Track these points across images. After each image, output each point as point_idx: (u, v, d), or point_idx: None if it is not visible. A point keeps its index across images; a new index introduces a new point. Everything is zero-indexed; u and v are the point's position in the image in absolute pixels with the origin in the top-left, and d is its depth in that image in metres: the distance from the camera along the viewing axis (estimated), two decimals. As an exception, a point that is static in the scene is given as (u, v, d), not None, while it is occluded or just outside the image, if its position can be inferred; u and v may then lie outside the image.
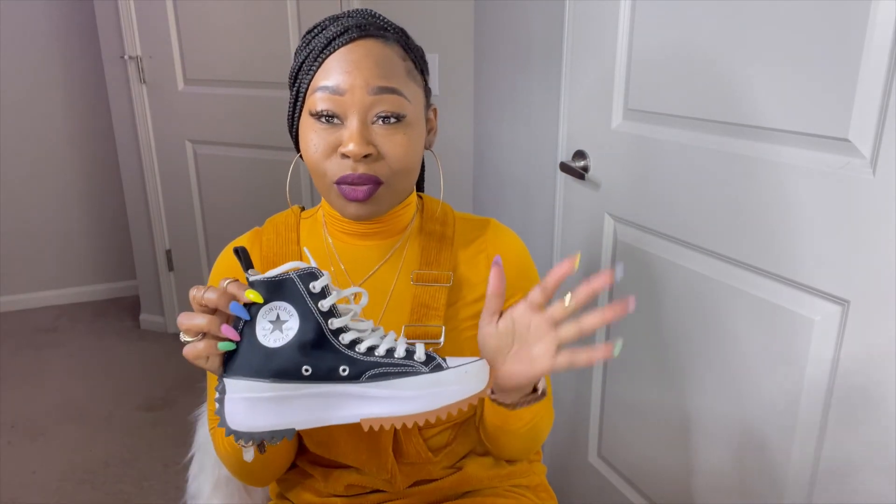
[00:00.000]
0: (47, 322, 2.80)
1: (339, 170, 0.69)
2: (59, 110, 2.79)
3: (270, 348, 0.58)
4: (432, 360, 0.60)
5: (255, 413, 0.58)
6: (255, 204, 2.37)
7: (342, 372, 0.58)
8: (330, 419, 0.59)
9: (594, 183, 1.29)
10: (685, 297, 1.11)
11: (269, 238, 0.80)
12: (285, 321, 0.58)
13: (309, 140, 0.70)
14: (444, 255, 0.79)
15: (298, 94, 0.72)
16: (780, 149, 0.90)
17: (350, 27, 0.69)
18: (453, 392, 0.59)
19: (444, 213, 0.83)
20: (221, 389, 0.59)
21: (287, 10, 2.09)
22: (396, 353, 0.60)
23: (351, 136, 0.67)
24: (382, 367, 0.59)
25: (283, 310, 0.59)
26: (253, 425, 0.58)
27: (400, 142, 0.69)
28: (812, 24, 0.83)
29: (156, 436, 2.00)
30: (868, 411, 0.84)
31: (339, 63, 0.68)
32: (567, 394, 1.49)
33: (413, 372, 0.59)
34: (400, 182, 0.72)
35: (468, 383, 0.59)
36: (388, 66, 0.69)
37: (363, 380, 0.58)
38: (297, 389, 0.58)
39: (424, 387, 0.58)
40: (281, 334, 0.58)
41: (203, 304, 0.58)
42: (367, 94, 0.68)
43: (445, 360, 0.61)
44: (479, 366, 0.61)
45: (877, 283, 0.80)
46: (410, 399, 0.58)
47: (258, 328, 0.58)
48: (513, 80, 1.65)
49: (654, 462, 1.25)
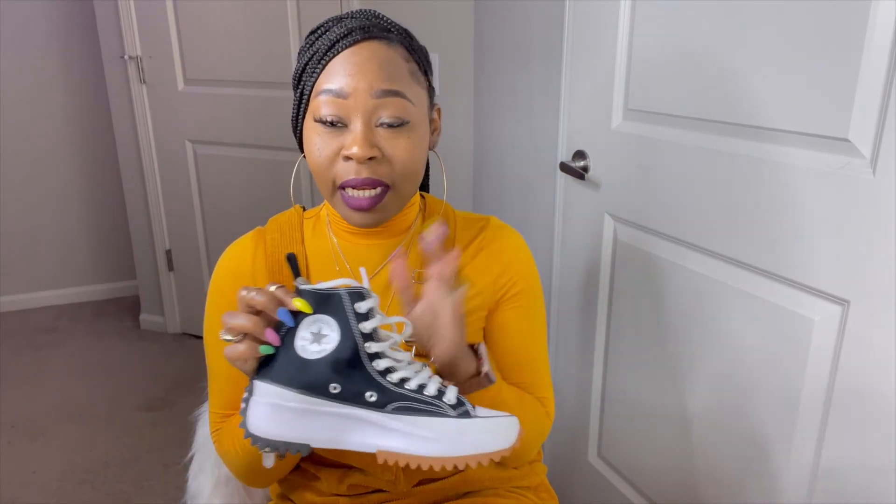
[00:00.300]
0: (47, 322, 2.80)
1: (343, 173, 0.69)
2: (59, 110, 2.79)
3: (305, 359, 0.58)
4: (461, 406, 0.59)
5: (276, 421, 0.58)
6: (255, 204, 2.37)
7: (369, 397, 0.58)
8: (346, 443, 0.59)
9: (594, 183, 1.29)
10: (685, 296, 1.11)
11: (274, 237, 0.80)
12: (325, 335, 0.58)
13: (313, 144, 0.70)
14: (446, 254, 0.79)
15: (302, 96, 0.72)
16: (780, 149, 0.90)
17: (353, 29, 0.69)
18: (476, 443, 0.57)
19: (446, 213, 0.83)
20: (249, 390, 0.59)
21: (287, 10, 2.09)
22: (427, 390, 0.59)
23: (355, 139, 0.67)
24: (410, 401, 0.58)
25: (326, 324, 0.58)
26: (272, 433, 0.58)
27: (404, 145, 0.69)
28: (812, 24, 0.83)
29: (156, 436, 2.00)
30: (868, 411, 0.84)
31: (343, 66, 0.68)
32: (567, 394, 1.49)
33: (439, 413, 0.58)
34: (405, 185, 0.72)
35: (493, 437, 0.58)
36: (392, 69, 0.69)
37: (388, 410, 0.58)
38: (321, 405, 0.58)
39: (447, 431, 0.57)
40: (318, 347, 0.58)
41: (250, 306, 0.58)
42: (370, 98, 0.67)
43: (476, 408, 0.60)
44: (508, 422, 0.59)
45: (877, 283, 0.80)
46: (430, 440, 0.57)
47: (298, 337, 0.58)
48: (513, 80, 1.65)
49: (654, 462, 1.25)
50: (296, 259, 0.61)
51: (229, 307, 0.79)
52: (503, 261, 0.81)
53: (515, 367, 0.83)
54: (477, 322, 0.81)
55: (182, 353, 2.51)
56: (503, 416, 0.59)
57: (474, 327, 0.81)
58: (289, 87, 2.16)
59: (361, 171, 0.68)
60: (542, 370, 0.85)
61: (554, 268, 1.49)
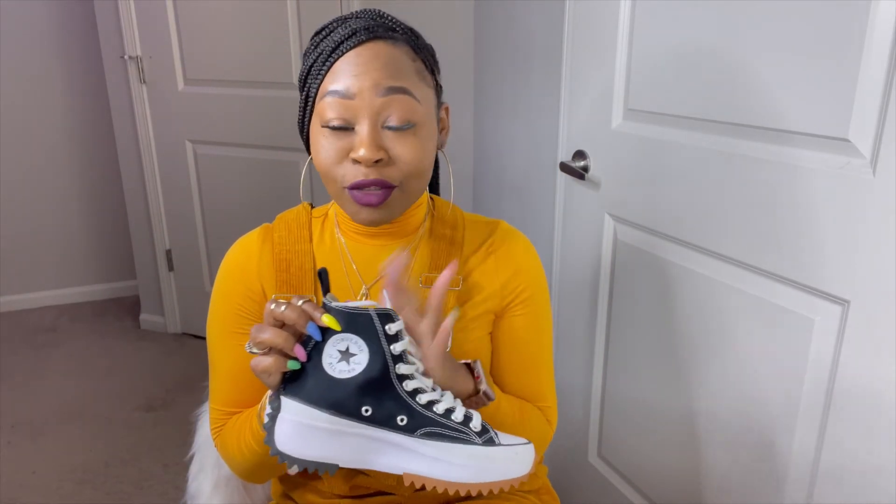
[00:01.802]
0: (47, 322, 2.80)
1: (350, 175, 0.69)
2: (59, 110, 2.79)
3: (335, 378, 0.58)
4: (486, 433, 0.60)
5: (305, 440, 0.58)
6: (256, 204, 2.37)
7: (399, 421, 0.59)
8: (374, 464, 0.60)
9: (594, 183, 1.29)
10: (685, 296, 1.11)
11: (281, 235, 0.80)
12: (354, 354, 0.58)
13: (320, 146, 0.70)
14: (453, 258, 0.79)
15: (308, 98, 0.72)
16: (780, 149, 0.90)
17: (358, 29, 0.69)
18: (499, 470, 0.59)
19: (454, 216, 0.83)
20: (276, 406, 0.59)
21: (287, 10, 2.09)
22: (454, 415, 0.60)
23: (362, 141, 0.67)
24: (438, 426, 0.59)
25: (354, 343, 0.59)
26: (301, 451, 0.58)
27: (412, 145, 0.69)
28: (812, 24, 0.83)
29: (156, 436, 2.00)
30: (868, 411, 0.84)
31: (348, 66, 0.68)
32: (568, 394, 1.49)
33: (466, 440, 0.59)
34: (413, 185, 0.71)
35: (514, 465, 0.60)
36: (398, 67, 0.68)
37: (417, 435, 0.59)
38: (351, 427, 0.58)
39: (474, 458, 0.59)
40: (347, 366, 0.58)
41: (278, 319, 0.58)
42: (376, 97, 0.67)
43: (498, 434, 0.61)
44: (527, 449, 0.61)
45: (877, 283, 0.80)
46: (457, 466, 0.58)
47: (325, 354, 0.58)
48: (513, 80, 1.65)
49: (654, 462, 1.25)
50: (327, 274, 0.61)
51: (234, 303, 0.79)
52: (512, 266, 0.81)
53: (520, 373, 0.83)
54: (484, 327, 0.81)
55: (182, 353, 2.51)
56: (523, 442, 0.61)
57: (480, 333, 0.80)
58: (289, 87, 2.16)
59: (369, 174, 0.68)
60: (546, 378, 0.85)
61: (554, 268, 1.49)
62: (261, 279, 0.79)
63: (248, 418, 0.75)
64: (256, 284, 0.79)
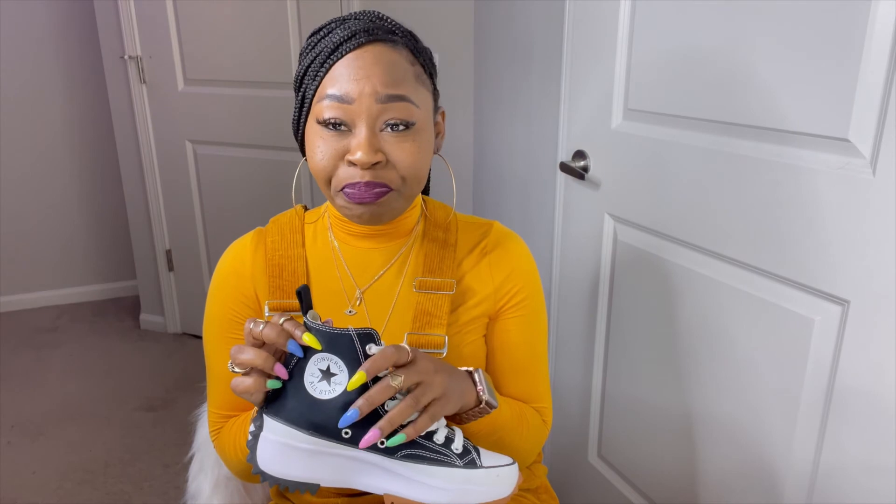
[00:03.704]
0: (47, 322, 2.80)
1: (346, 177, 0.68)
2: (59, 110, 2.79)
3: (316, 399, 0.58)
4: (467, 454, 0.60)
5: (287, 460, 0.58)
6: (255, 204, 2.37)
7: (379, 443, 0.58)
8: (356, 484, 0.60)
9: (594, 183, 1.29)
10: (685, 296, 1.11)
11: (274, 239, 0.80)
12: (334, 374, 0.58)
13: (315, 147, 0.69)
14: (446, 262, 0.78)
15: (304, 99, 0.71)
16: (780, 149, 0.90)
17: (357, 31, 0.68)
18: (480, 493, 0.59)
19: (448, 218, 0.82)
20: (259, 425, 0.59)
21: (287, 10, 2.09)
22: (436, 437, 0.60)
23: (359, 144, 0.66)
24: (419, 448, 0.59)
25: (335, 363, 0.58)
26: (282, 471, 0.58)
27: (409, 149, 0.68)
28: (812, 25, 0.83)
29: (156, 436, 2.00)
30: (868, 411, 0.84)
31: (347, 70, 0.67)
32: (568, 394, 1.49)
33: (447, 463, 0.59)
34: (410, 189, 0.71)
35: (496, 487, 0.60)
36: (397, 73, 0.68)
37: (397, 457, 0.59)
38: (332, 448, 0.58)
39: (454, 481, 0.59)
40: (328, 387, 0.58)
41: (258, 339, 0.58)
42: (375, 103, 0.66)
43: (480, 455, 0.61)
44: (510, 470, 0.61)
45: (877, 283, 0.80)
46: (437, 489, 0.58)
47: (307, 373, 0.58)
48: (513, 80, 1.65)
49: (653, 462, 1.25)
50: (308, 292, 0.60)
51: (229, 308, 0.79)
52: (506, 269, 0.80)
53: (515, 376, 0.83)
54: (479, 330, 0.80)
55: (182, 353, 2.51)
56: (506, 463, 0.61)
57: (475, 336, 0.80)
58: (289, 87, 2.16)
59: (365, 176, 0.67)
60: (541, 379, 0.85)
61: (554, 268, 1.49)
62: (254, 284, 0.78)
63: (244, 421, 0.75)
64: (250, 289, 0.78)
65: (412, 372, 0.60)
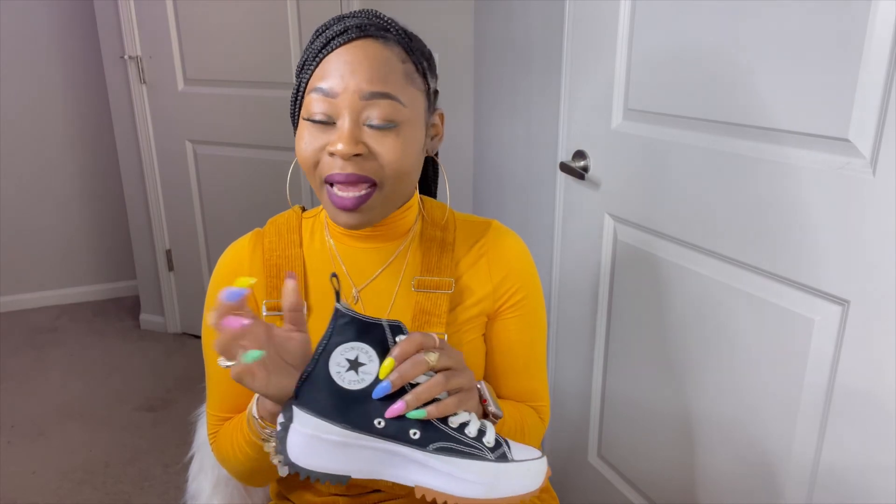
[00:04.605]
0: (47, 322, 2.80)
1: (327, 168, 0.68)
2: (59, 110, 2.79)
3: (345, 389, 0.58)
4: (499, 448, 0.60)
5: (318, 452, 0.58)
6: (255, 204, 2.37)
7: (412, 434, 0.58)
8: (386, 476, 0.59)
9: (594, 183, 1.29)
10: (685, 296, 1.11)
11: (272, 240, 0.80)
12: (363, 364, 0.58)
13: (302, 139, 0.70)
14: (444, 261, 0.78)
15: (298, 91, 0.72)
16: (780, 149, 0.90)
17: (350, 27, 0.68)
18: (511, 487, 0.59)
19: (445, 217, 0.82)
20: (289, 417, 0.58)
21: (287, 10, 2.09)
22: (468, 429, 0.60)
23: (340, 135, 0.66)
24: (451, 441, 0.59)
25: (364, 352, 0.58)
26: (313, 463, 0.58)
27: (392, 144, 0.68)
28: (812, 25, 0.83)
29: (156, 436, 2.00)
30: (868, 411, 0.84)
31: (335, 64, 0.67)
32: (567, 394, 1.49)
33: (479, 456, 0.59)
34: (393, 186, 0.70)
35: (526, 480, 0.60)
36: (385, 69, 0.68)
37: (429, 449, 0.58)
38: (363, 440, 0.58)
39: (486, 475, 0.58)
40: (356, 376, 0.58)
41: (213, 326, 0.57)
42: (359, 99, 0.67)
43: (511, 448, 0.61)
44: (540, 464, 0.61)
45: (877, 283, 0.80)
46: (469, 483, 0.58)
47: (332, 363, 0.58)
48: (513, 80, 1.65)
49: (653, 462, 1.25)
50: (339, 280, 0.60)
51: None
52: (505, 268, 0.80)
53: (514, 375, 0.83)
54: (477, 329, 0.80)
55: (182, 353, 2.51)
56: (535, 456, 0.61)
57: (474, 335, 0.80)
58: (289, 87, 2.16)
59: (346, 167, 0.67)
60: (540, 378, 0.85)
61: (554, 268, 1.49)
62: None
63: (239, 421, 0.75)
64: None
65: (444, 355, 0.61)
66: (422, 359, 0.59)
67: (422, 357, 0.59)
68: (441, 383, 0.59)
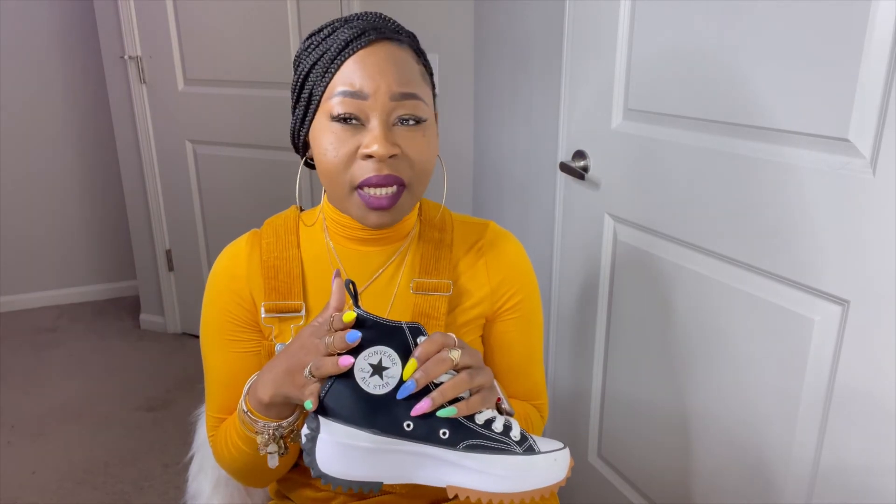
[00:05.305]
0: (47, 322, 2.80)
1: (361, 173, 0.67)
2: (59, 110, 2.79)
3: (371, 395, 0.58)
4: (525, 441, 0.61)
5: (348, 461, 0.58)
6: (255, 204, 2.37)
7: (442, 434, 0.58)
8: (418, 478, 0.60)
9: (594, 183, 1.29)
10: (685, 296, 1.11)
11: (269, 241, 0.79)
12: (387, 368, 0.58)
13: (328, 143, 0.68)
14: (442, 262, 0.78)
15: (312, 98, 0.70)
16: (780, 149, 0.90)
17: (367, 29, 0.68)
18: (540, 478, 0.60)
19: (443, 218, 0.82)
20: (315, 427, 0.58)
21: (287, 10, 2.09)
22: (494, 425, 0.60)
23: (375, 137, 0.66)
24: (480, 438, 0.59)
25: (387, 356, 0.58)
26: (343, 472, 0.58)
27: (421, 143, 0.69)
28: (812, 24, 0.83)
29: (156, 436, 2.00)
30: (868, 411, 0.84)
31: (360, 66, 0.67)
32: (567, 394, 1.49)
33: (508, 451, 0.60)
34: (419, 185, 0.71)
35: (553, 471, 0.60)
36: (408, 71, 0.69)
37: (459, 448, 0.59)
38: (393, 444, 0.58)
39: (516, 468, 0.59)
40: (381, 381, 0.58)
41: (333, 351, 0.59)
42: (389, 100, 0.67)
43: (536, 441, 0.61)
44: (565, 454, 0.62)
45: (877, 283, 0.80)
46: (501, 478, 0.59)
47: (356, 368, 0.58)
48: (513, 80, 1.65)
49: (654, 462, 1.25)
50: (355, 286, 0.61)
51: (225, 310, 0.78)
52: (502, 270, 0.81)
53: (514, 376, 0.83)
54: (475, 331, 0.81)
55: (182, 353, 2.51)
56: (559, 447, 0.62)
57: (472, 336, 0.80)
58: (289, 87, 2.15)
59: (382, 169, 0.67)
60: (538, 377, 0.86)
61: (554, 268, 1.49)
62: (250, 286, 0.78)
63: (232, 420, 0.75)
64: (246, 291, 0.78)
65: (466, 354, 0.61)
66: (446, 356, 0.59)
67: (446, 355, 0.59)
68: (466, 381, 0.60)
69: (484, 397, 0.61)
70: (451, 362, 0.59)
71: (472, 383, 0.60)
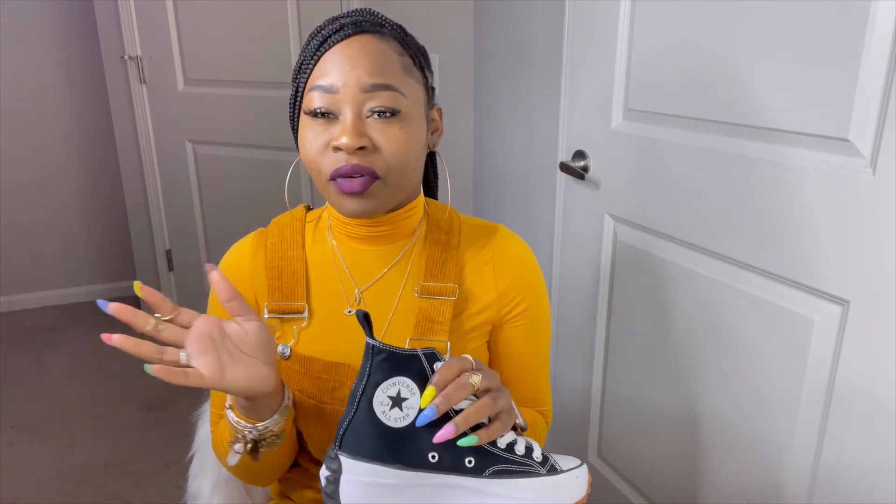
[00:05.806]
0: (47, 322, 2.80)
1: (332, 164, 0.68)
2: (59, 110, 2.79)
3: (392, 429, 0.56)
4: (547, 461, 0.60)
5: (374, 499, 0.56)
6: (255, 204, 2.36)
7: (468, 463, 0.57)
8: None
9: (594, 183, 1.29)
10: (685, 296, 1.11)
11: (274, 241, 0.79)
12: (406, 399, 0.57)
13: (305, 137, 0.70)
14: (449, 266, 0.77)
15: (297, 92, 0.72)
16: (780, 149, 0.90)
17: (346, 24, 0.69)
18: (564, 496, 0.60)
19: (450, 220, 0.81)
20: (336, 468, 0.56)
21: (287, 10, 2.08)
22: (517, 447, 0.60)
23: (344, 129, 0.66)
24: (505, 462, 0.59)
25: (405, 386, 0.57)
26: None
27: (395, 135, 0.68)
28: (812, 25, 0.83)
29: (156, 436, 2.00)
30: (868, 411, 0.84)
31: (333, 61, 0.68)
32: (567, 394, 1.49)
33: (533, 473, 0.59)
34: (396, 178, 0.70)
35: (576, 489, 0.60)
36: (383, 62, 0.68)
37: (486, 475, 0.58)
38: (419, 478, 0.56)
39: (542, 490, 0.59)
40: (401, 412, 0.56)
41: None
42: (360, 92, 0.67)
43: (557, 461, 0.61)
44: (584, 470, 0.62)
45: (877, 283, 0.80)
46: (527, 501, 0.58)
47: (376, 402, 0.56)
48: (513, 80, 1.65)
49: (654, 462, 1.25)
50: (369, 318, 0.59)
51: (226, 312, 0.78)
52: (511, 275, 0.79)
53: (520, 383, 0.83)
54: (482, 337, 0.79)
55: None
56: (578, 465, 0.62)
57: (478, 343, 0.79)
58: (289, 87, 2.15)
59: (351, 160, 0.67)
60: (544, 383, 0.85)
61: (554, 268, 1.49)
62: (253, 287, 0.78)
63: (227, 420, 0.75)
64: (249, 293, 0.78)
65: (485, 377, 0.60)
66: (466, 381, 0.57)
67: (466, 380, 0.57)
68: (489, 405, 0.58)
69: (504, 423, 0.60)
70: (471, 387, 0.57)
71: (495, 407, 0.59)
